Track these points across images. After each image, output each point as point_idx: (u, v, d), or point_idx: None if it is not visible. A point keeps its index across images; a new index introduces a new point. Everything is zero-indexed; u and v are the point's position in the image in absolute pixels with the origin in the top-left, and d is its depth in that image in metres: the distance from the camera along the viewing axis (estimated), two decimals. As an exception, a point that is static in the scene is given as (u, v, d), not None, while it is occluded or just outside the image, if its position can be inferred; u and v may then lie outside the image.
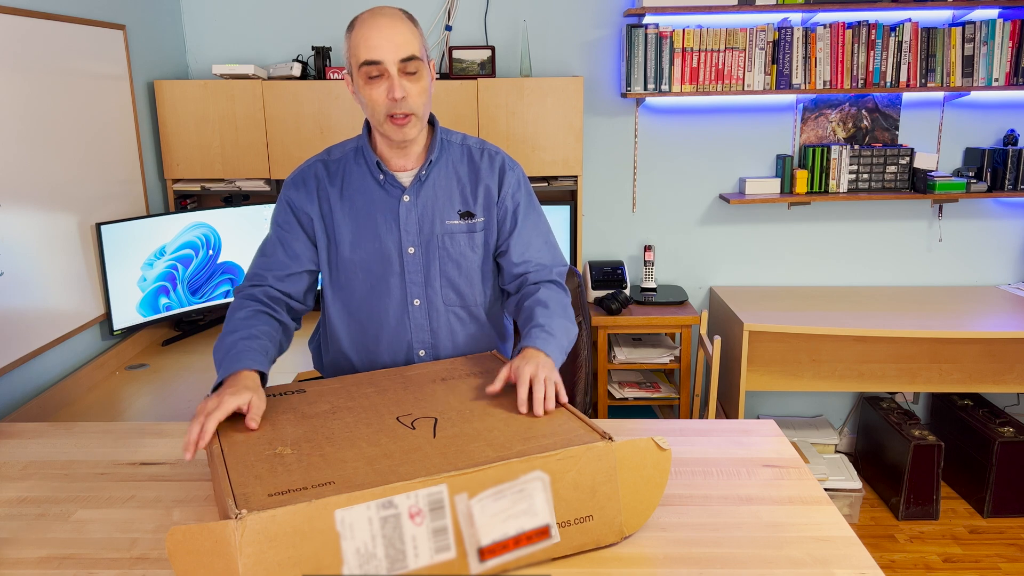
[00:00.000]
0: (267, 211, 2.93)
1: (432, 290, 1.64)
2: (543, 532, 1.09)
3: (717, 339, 2.65)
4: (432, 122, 1.65)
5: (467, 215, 1.62)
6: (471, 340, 1.69)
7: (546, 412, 1.29)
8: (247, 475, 1.09)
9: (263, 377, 1.40)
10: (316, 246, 1.64)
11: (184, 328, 2.85)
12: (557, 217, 3.06)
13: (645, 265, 3.34)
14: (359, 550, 0.99)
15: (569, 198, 3.17)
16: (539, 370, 1.34)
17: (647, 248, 3.33)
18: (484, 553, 1.05)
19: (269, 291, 1.59)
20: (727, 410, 3.24)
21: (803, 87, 3.10)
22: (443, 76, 3.00)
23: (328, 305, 1.69)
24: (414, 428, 1.23)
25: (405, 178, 1.62)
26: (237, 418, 1.27)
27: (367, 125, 1.63)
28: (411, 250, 1.62)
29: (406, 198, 1.60)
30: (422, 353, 1.67)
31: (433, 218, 1.61)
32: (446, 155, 1.64)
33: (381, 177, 1.60)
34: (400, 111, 1.49)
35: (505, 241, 1.66)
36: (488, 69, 3.04)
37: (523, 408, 1.29)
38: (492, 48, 3.04)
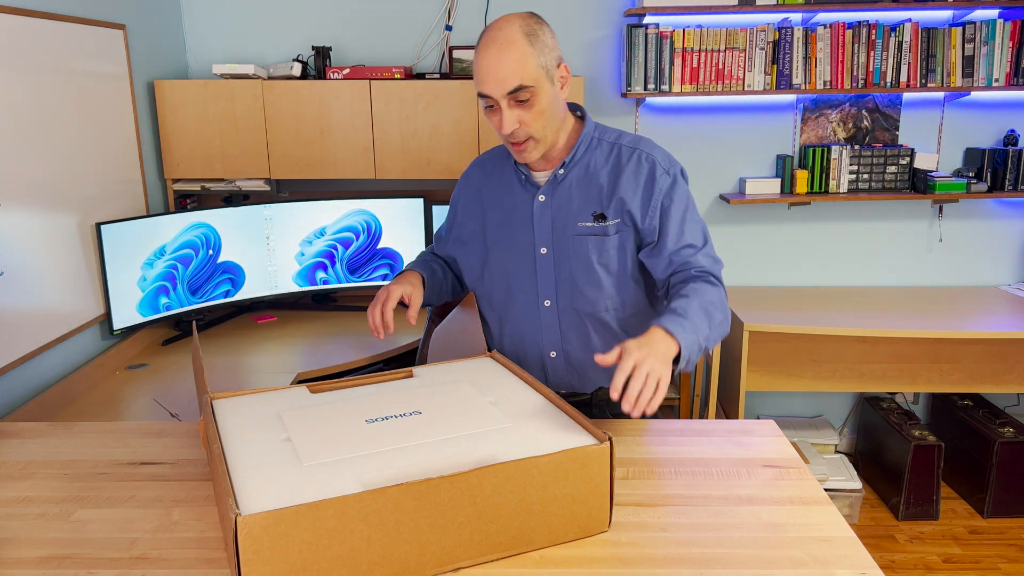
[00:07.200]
0: (267, 211, 2.92)
1: (561, 292, 1.60)
2: None
3: (717, 339, 2.64)
4: (582, 117, 1.61)
5: (600, 217, 1.55)
6: (604, 347, 1.56)
7: (644, 415, 1.17)
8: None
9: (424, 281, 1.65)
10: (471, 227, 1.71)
11: (184, 328, 2.85)
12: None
13: (645, 265, 3.34)
14: None
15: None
16: (647, 359, 1.20)
17: (647, 248, 3.32)
18: None
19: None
20: (727, 410, 3.24)
21: (803, 87, 3.10)
22: (443, 76, 3.00)
23: (477, 294, 1.72)
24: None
25: (542, 177, 1.61)
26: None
27: None
28: (543, 250, 1.59)
29: (541, 198, 1.59)
30: (553, 355, 1.63)
31: (566, 220, 1.57)
32: (589, 155, 1.59)
33: (522, 176, 1.62)
34: (515, 139, 1.50)
35: (656, 244, 1.56)
36: (488, 69, 3.03)
37: (615, 395, 1.15)
38: (492, 48, 3.03)
